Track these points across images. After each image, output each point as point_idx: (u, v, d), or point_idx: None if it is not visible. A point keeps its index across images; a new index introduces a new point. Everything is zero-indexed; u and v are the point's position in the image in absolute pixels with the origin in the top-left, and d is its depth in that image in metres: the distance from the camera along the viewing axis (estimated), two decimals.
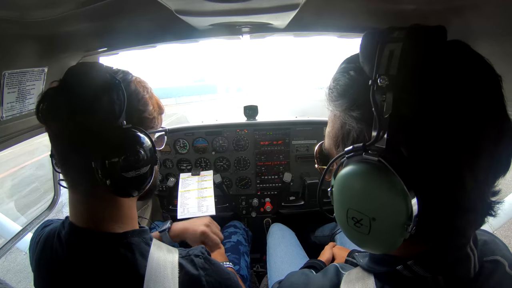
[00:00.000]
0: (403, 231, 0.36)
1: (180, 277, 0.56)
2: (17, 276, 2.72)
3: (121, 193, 0.56)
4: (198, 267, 0.59)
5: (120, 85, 0.54)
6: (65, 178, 0.58)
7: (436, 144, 0.36)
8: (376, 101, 0.35)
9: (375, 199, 0.37)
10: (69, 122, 0.52)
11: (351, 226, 0.41)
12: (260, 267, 1.80)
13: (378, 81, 0.35)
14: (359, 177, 0.39)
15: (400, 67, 0.34)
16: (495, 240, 0.52)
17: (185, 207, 1.42)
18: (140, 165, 0.55)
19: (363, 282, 0.48)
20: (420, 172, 0.36)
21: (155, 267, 0.55)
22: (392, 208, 0.36)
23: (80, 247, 0.57)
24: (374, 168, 0.37)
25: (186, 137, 1.73)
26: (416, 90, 0.35)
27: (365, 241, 0.42)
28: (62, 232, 0.59)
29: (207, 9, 0.74)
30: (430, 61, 0.35)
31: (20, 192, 4.47)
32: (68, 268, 0.56)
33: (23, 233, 1.18)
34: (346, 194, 0.41)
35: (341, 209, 0.42)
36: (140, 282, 0.53)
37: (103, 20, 0.83)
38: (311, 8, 0.77)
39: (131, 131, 0.55)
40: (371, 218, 0.38)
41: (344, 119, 0.43)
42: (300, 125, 1.73)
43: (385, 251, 0.43)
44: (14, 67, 0.76)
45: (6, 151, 0.95)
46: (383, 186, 0.36)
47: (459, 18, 0.75)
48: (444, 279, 0.43)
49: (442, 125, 0.35)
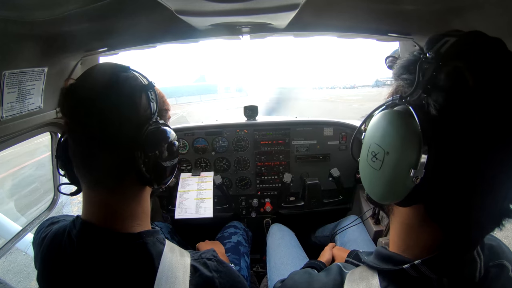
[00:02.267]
0: (408, 175, 0.40)
1: (194, 279, 0.57)
2: (17, 276, 2.72)
3: (157, 182, 0.60)
4: (211, 269, 0.61)
5: (154, 86, 0.59)
6: (85, 177, 0.58)
7: (461, 123, 0.38)
8: (422, 68, 0.41)
9: (394, 137, 0.44)
10: (104, 120, 0.53)
11: (368, 161, 0.48)
12: (260, 268, 1.80)
13: (427, 54, 0.42)
14: (389, 117, 0.46)
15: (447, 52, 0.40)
16: (500, 245, 0.53)
17: (183, 207, 1.42)
18: (173, 156, 0.62)
19: (367, 282, 0.48)
20: (439, 134, 0.39)
21: (167, 268, 0.56)
22: (405, 148, 0.41)
23: (93, 246, 0.57)
24: (402, 113, 0.43)
25: (186, 137, 1.73)
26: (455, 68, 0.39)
27: (375, 179, 0.47)
28: (73, 231, 0.59)
29: (207, 9, 0.74)
30: (471, 57, 0.39)
31: (20, 192, 4.48)
32: (78, 267, 0.56)
33: (23, 233, 1.17)
34: (374, 130, 0.48)
35: (366, 145, 0.49)
36: (152, 282, 0.54)
37: (103, 20, 0.83)
38: (311, 8, 0.77)
39: (165, 126, 0.60)
40: (386, 152, 0.44)
41: (397, 82, 0.49)
42: (300, 125, 1.73)
43: (389, 197, 0.46)
44: (14, 67, 0.76)
45: (6, 151, 0.95)
46: (405, 128, 0.42)
47: (459, 18, 0.75)
48: (449, 281, 0.43)
49: (470, 109, 0.38)
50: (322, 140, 1.74)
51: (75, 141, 0.56)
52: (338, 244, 1.39)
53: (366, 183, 0.50)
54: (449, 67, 0.39)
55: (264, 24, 0.94)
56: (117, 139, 0.54)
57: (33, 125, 0.95)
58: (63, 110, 0.56)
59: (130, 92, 0.55)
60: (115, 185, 0.57)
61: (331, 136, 1.74)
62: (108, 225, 0.57)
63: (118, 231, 0.58)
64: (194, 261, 0.61)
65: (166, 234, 1.44)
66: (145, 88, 0.57)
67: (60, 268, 0.58)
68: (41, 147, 5.54)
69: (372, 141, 0.47)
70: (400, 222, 0.50)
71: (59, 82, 1.02)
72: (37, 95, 0.89)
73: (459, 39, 0.41)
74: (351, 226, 1.42)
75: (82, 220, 0.59)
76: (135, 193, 0.61)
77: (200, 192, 1.50)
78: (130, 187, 0.58)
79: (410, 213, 0.47)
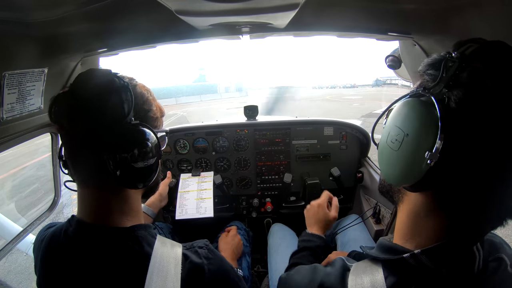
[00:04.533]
0: (424, 157, 0.43)
1: (185, 265, 0.59)
2: (18, 277, 2.72)
3: (130, 184, 0.60)
4: (201, 256, 0.63)
5: (128, 86, 0.59)
6: (75, 175, 0.62)
7: (476, 117, 0.41)
8: (446, 66, 0.45)
9: (415, 121, 0.47)
10: (80, 122, 0.56)
11: (388, 143, 0.52)
12: (261, 267, 1.80)
13: (453, 54, 0.46)
14: (412, 104, 0.49)
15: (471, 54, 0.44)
16: (501, 242, 0.55)
17: (184, 208, 1.42)
18: (147, 157, 0.60)
19: (372, 275, 0.51)
20: (456, 124, 0.42)
21: (158, 262, 0.58)
22: (423, 132, 0.45)
23: (88, 242, 0.59)
24: (424, 102, 0.47)
25: (186, 138, 1.73)
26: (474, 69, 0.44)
27: (393, 159, 0.50)
28: (70, 229, 0.61)
29: (207, 9, 0.74)
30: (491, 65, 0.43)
31: (21, 193, 4.48)
32: (76, 264, 0.58)
33: (24, 234, 1.17)
34: (396, 115, 0.52)
35: (387, 129, 0.53)
36: (144, 275, 0.56)
37: (103, 21, 0.83)
38: (311, 8, 0.77)
39: (138, 126, 0.59)
40: (406, 134, 0.48)
41: (422, 77, 0.53)
42: (300, 125, 1.73)
43: (404, 179, 0.49)
44: (14, 68, 0.76)
45: (6, 152, 0.95)
46: (426, 114, 0.45)
47: (459, 17, 0.75)
48: (447, 273, 0.46)
49: (485, 112, 0.41)
50: (322, 140, 1.74)
51: (64, 142, 0.61)
52: (338, 243, 1.40)
53: (383, 165, 0.54)
54: (470, 67, 0.43)
55: (264, 24, 0.94)
56: (90, 141, 0.57)
57: (34, 126, 0.95)
58: (50, 116, 0.59)
59: (98, 95, 0.57)
60: (102, 183, 0.60)
61: (332, 136, 1.74)
62: (101, 221, 0.60)
63: (110, 226, 0.60)
64: (186, 250, 0.63)
65: (167, 234, 1.45)
66: (116, 90, 0.58)
67: (58, 265, 0.60)
68: (42, 147, 5.55)
69: (394, 124, 0.51)
70: (408, 210, 0.52)
71: (59, 82, 1.02)
72: (37, 96, 0.89)
73: (482, 45, 0.45)
74: (351, 225, 1.42)
75: (77, 218, 0.62)
76: (122, 191, 0.63)
77: (200, 192, 1.50)
78: (117, 186, 0.60)
79: (419, 201, 0.50)
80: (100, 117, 0.56)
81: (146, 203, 1.30)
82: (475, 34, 0.75)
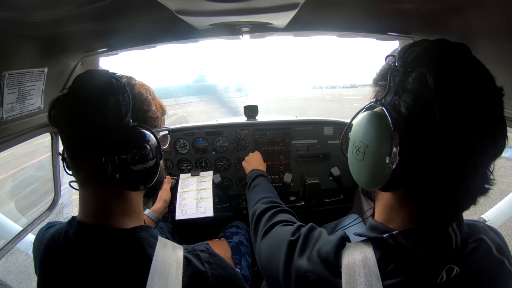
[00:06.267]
0: (385, 162, 0.47)
1: (187, 270, 0.59)
2: (18, 277, 2.72)
3: (130, 187, 0.59)
4: (203, 261, 0.62)
5: (125, 88, 0.58)
6: (77, 177, 0.62)
7: (425, 118, 0.45)
8: (393, 75, 0.50)
9: (371, 133, 0.52)
10: (78, 125, 0.56)
11: (353, 155, 0.57)
12: None
13: (396, 63, 0.50)
14: (367, 117, 0.54)
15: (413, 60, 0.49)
16: (485, 228, 0.58)
17: (183, 208, 1.42)
18: (146, 159, 0.59)
19: (363, 252, 0.55)
20: (409, 128, 0.46)
21: (160, 264, 0.57)
22: (380, 141, 0.50)
23: (89, 243, 0.58)
24: (377, 113, 0.51)
25: (186, 137, 1.73)
26: (419, 73, 0.47)
27: (360, 169, 0.56)
28: (70, 231, 0.60)
29: (207, 9, 0.74)
30: (434, 62, 0.46)
31: (20, 193, 4.48)
32: (77, 266, 0.57)
33: (23, 234, 1.17)
34: (356, 129, 0.57)
35: (351, 142, 0.58)
36: (146, 277, 0.55)
37: (103, 21, 0.83)
38: (311, 7, 0.77)
39: (136, 128, 0.59)
40: (366, 145, 0.53)
41: (375, 88, 0.58)
42: (300, 125, 1.73)
43: (373, 183, 0.53)
44: (14, 68, 0.77)
45: (6, 152, 0.95)
46: (379, 125, 0.50)
47: (459, 17, 0.75)
48: (425, 253, 0.49)
49: (435, 110, 0.44)
50: (322, 140, 1.74)
51: (64, 145, 0.61)
52: None
53: (354, 173, 0.59)
54: (414, 72, 0.47)
55: (264, 23, 0.94)
56: (88, 144, 0.57)
57: (34, 125, 0.95)
58: (50, 120, 0.59)
59: (95, 98, 0.57)
60: (102, 184, 0.60)
61: (331, 135, 1.74)
62: (101, 223, 0.60)
63: (111, 227, 0.60)
64: (187, 253, 0.63)
65: (167, 234, 1.44)
66: (114, 92, 0.58)
67: (58, 267, 0.59)
68: (41, 148, 5.54)
69: (356, 138, 0.56)
70: (383, 204, 0.58)
71: (59, 82, 1.02)
72: (37, 96, 0.89)
73: (424, 48, 0.49)
74: (352, 225, 1.42)
75: (78, 219, 0.61)
76: (122, 193, 0.62)
77: (200, 192, 1.50)
78: (117, 187, 0.59)
79: (391, 197, 0.55)
80: (98, 121, 0.56)
81: (151, 208, 1.32)
82: (475, 34, 0.75)
